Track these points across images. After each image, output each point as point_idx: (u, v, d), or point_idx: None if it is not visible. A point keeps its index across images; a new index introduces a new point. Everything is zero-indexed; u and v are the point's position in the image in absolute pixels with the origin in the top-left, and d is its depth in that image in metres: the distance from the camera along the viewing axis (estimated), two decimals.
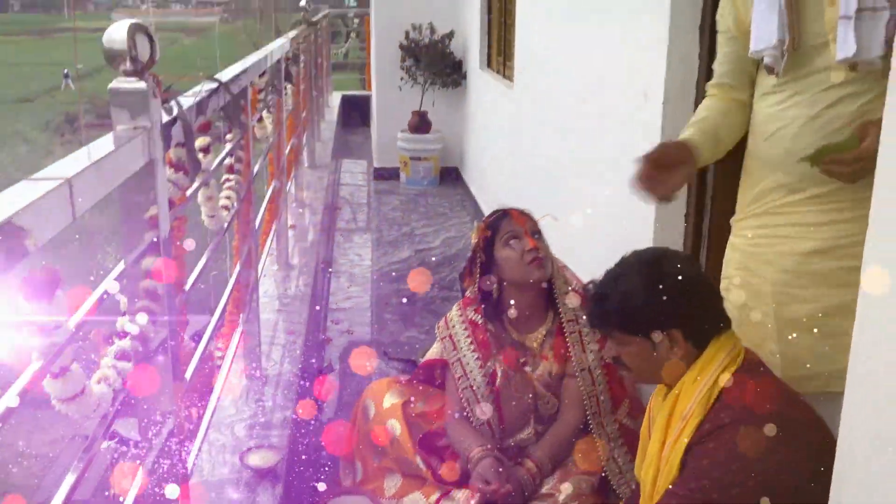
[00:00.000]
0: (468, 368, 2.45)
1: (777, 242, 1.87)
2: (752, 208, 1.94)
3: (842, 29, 1.67)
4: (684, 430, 1.70)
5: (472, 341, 2.47)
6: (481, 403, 2.42)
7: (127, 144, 1.24)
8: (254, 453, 2.17)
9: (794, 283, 1.86)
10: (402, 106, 7.46)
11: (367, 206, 7.15)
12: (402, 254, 5.65)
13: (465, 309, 2.53)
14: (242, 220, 2.71)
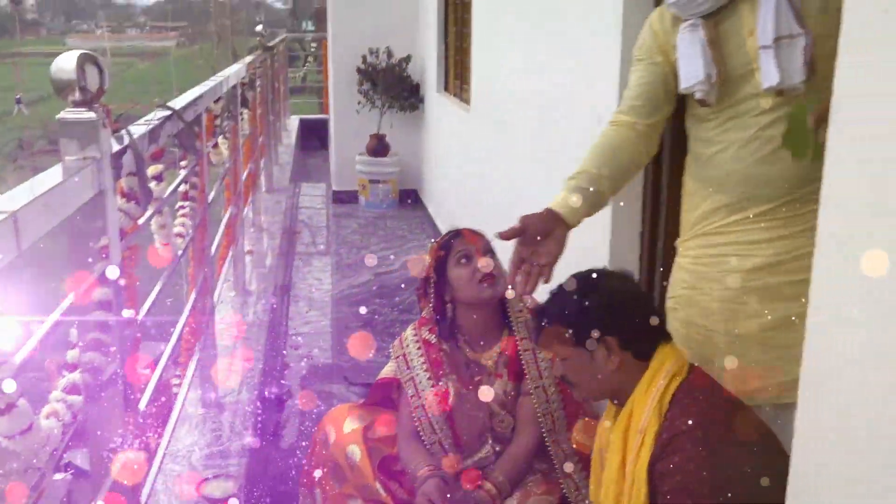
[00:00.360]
0: (420, 387, 2.46)
1: (722, 261, 1.91)
2: (695, 229, 1.98)
3: (763, 59, 1.74)
4: (643, 442, 1.71)
5: (424, 360, 2.48)
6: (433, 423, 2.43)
7: (76, 175, 1.23)
8: (211, 483, 2.15)
9: (740, 299, 1.90)
10: (360, 129, 7.47)
11: (326, 229, 7.13)
12: (362, 277, 5.64)
13: (420, 329, 2.54)
14: (197, 247, 2.69)
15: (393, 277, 5.62)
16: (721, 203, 1.90)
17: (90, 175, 1.29)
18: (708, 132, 1.92)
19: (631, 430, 1.75)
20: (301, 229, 7.05)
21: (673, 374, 1.75)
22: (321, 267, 5.96)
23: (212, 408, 2.61)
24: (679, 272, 2.06)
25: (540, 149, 3.54)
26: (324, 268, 5.93)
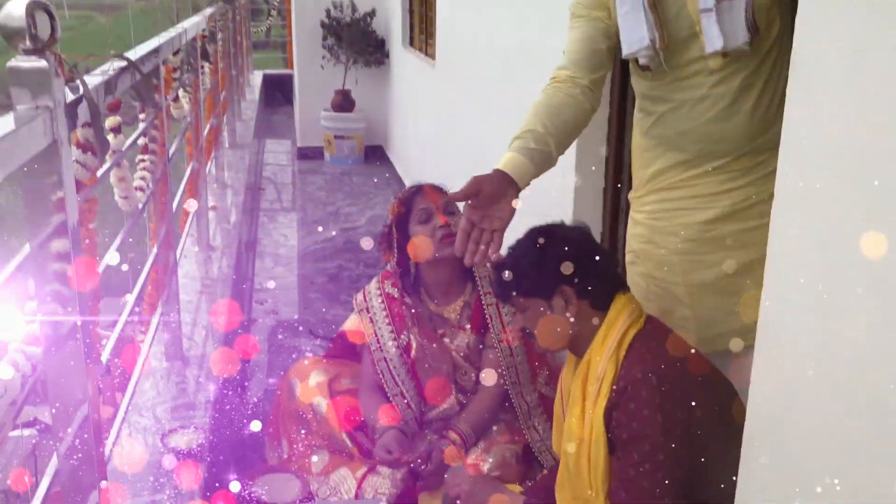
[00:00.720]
0: (383, 341, 2.49)
1: (678, 215, 1.93)
2: (650, 185, 1.99)
3: (705, 23, 1.73)
4: (600, 390, 1.75)
5: (386, 314, 2.50)
6: (396, 376, 2.45)
7: (27, 125, 1.21)
8: (176, 435, 2.15)
9: (698, 250, 1.93)
10: (324, 85, 7.40)
11: (291, 185, 7.09)
12: (328, 233, 5.62)
13: (383, 282, 2.57)
14: (159, 201, 2.66)
15: (359, 233, 5.62)
16: (676, 160, 1.92)
17: (43, 124, 1.27)
18: (656, 90, 1.91)
19: (589, 379, 1.79)
20: (265, 185, 7.00)
21: (630, 324, 1.79)
22: (287, 223, 5.93)
23: (176, 361, 2.61)
24: (635, 227, 2.08)
25: (505, 105, 3.53)
26: (289, 224, 5.91)
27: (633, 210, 2.10)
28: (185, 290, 3.15)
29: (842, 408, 1.24)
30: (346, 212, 6.13)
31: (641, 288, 2.07)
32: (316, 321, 4.09)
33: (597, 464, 1.74)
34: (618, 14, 1.84)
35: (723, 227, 1.90)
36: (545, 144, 1.85)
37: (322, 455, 2.50)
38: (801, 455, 1.35)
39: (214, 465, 2.26)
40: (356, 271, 4.87)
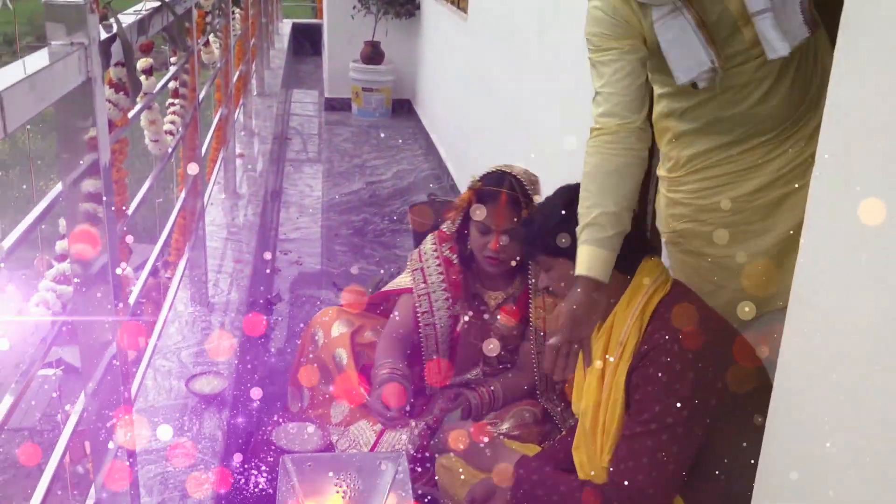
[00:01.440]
0: (436, 306, 2.44)
1: (723, 190, 1.88)
2: (689, 166, 1.92)
3: (761, 25, 1.62)
4: (623, 354, 1.72)
5: (444, 279, 2.46)
6: (440, 342, 2.44)
7: (62, 60, 1.19)
8: (200, 379, 2.17)
9: (748, 219, 1.88)
10: (354, 36, 7.33)
11: (317, 136, 7.06)
12: (353, 185, 5.61)
13: (441, 245, 2.50)
14: (188, 147, 2.65)
15: (384, 187, 5.60)
16: (718, 143, 1.85)
17: (77, 61, 1.25)
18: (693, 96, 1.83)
19: (611, 342, 1.76)
20: (292, 135, 6.97)
21: (655, 288, 1.75)
22: (312, 174, 5.92)
23: (201, 307, 2.62)
24: (674, 207, 2.01)
25: (539, 61, 3.47)
26: (315, 175, 5.89)
27: (669, 190, 2.02)
28: (211, 237, 3.16)
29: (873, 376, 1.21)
30: (373, 165, 6.10)
31: (689, 265, 2.01)
32: (339, 273, 4.09)
33: (611, 424, 1.73)
34: (661, 42, 1.70)
35: (769, 193, 1.86)
36: (621, 224, 1.69)
37: (342, 406, 2.51)
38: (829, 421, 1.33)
39: (236, 412, 2.27)
40: (381, 225, 4.86)
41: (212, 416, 2.08)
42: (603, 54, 1.74)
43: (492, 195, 2.33)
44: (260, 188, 4.01)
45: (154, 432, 1.98)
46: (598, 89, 1.77)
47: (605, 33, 1.74)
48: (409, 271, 2.53)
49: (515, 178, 2.34)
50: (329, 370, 2.54)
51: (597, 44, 1.75)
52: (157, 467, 1.86)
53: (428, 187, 5.47)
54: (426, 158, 6.26)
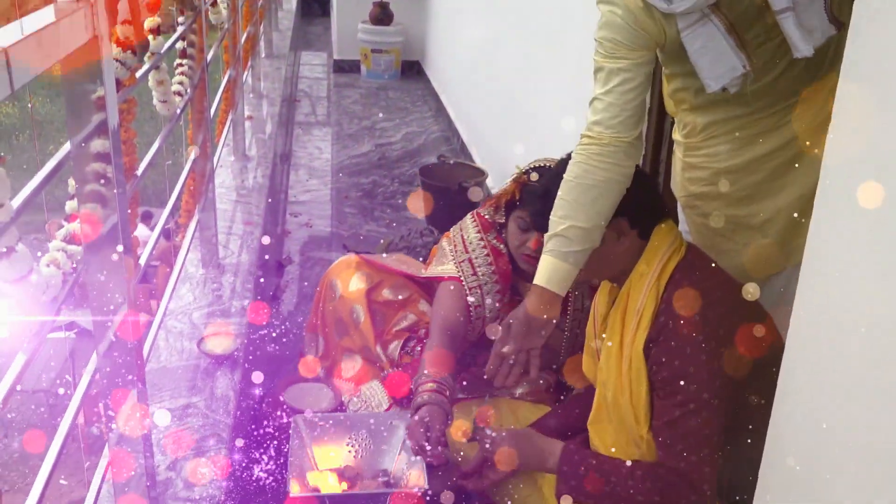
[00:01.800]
0: (487, 298, 2.36)
1: (743, 152, 1.85)
2: (708, 132, 1.89)
3: (786, 26, 1.57)
4: (640, 323, 1.69)
5: (494, 270, 2.37)
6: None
7: (69, 17, 1.18)
8: (211, 340, 2.17)
9: (770, 178, 1.86)
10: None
11: (326, 98, 7.02)
12: (363, 147, 5.59)
13: (486, 234, 2.41)
14: (196, 108, 2.64)
15: (394, 149, 5.58)
16: (737, 113, 1.82)
17: (83, 18, 1.24)
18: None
19: (629, 311, 1.73)
20: (301, 98, 6.94)
21: (670, 254, 1.72)
22: (321, 136, 5.90)
23: (212, 269, 2.62)
24: (692, 171, 1.98)
25: (550, 22, 3.43)
26: (324, 137, 5.87)
27: (686, 155, 1.99)
28: (220, 199, 3.15)
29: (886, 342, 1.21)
30: (382, 127, 6.07)
31: (708, 228, 2.00)
32: (349, 235, 4.09)
33: (638, 397, 1.69)
34: (690, 53, 1.66)
35: (786, 153, 1.84)
36: (590, 241, 1.70)
37: (355, 360, 2.51)
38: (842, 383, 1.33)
39: (248, 373, 2.29)
40: (391, 187, 4.85)
41: (224, 376, 2.09)
42: (613, 62, 1.68)
43: (535, 197, 2.19)
44: (269, 151, 4.00)
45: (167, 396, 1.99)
46: (598, 95, 1.72)
47: (619, 41, 1.67)
48: (454, 262, 2.42)
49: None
50: (345, 323, 2.53)
51: (608, 50, 1.68)
52: (171, 427, 1.88)
53: (438, 149, 5.44)
54: (436, 120, 6.23)
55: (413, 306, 2.52)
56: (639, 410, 1.69)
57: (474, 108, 5.18)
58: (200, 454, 1.80)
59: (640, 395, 1.68)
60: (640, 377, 1.68)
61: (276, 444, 2.25)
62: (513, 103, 4.05)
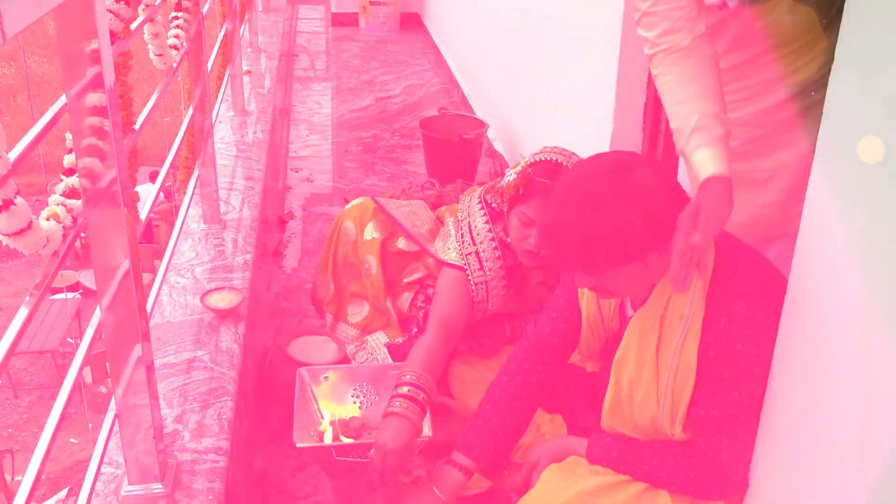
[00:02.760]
0: (492, 294, 2.32)
1: (746, 104, 1.82)
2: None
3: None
4: (690, 328, 1.59)
5: (501, 265, 2.30)
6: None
7: None
8: (215, 294, 2.18)
9: (772, 134, 1.84)
10: None
11: (325, 53, 6.95)
12: (363, 102, 5.55)
13: (495, 226, 2.34)
14: (193, 63, 2.61)
15: (394, 102, 5.53)
16: (745, 56, 1.78)
17: None
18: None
19: (670, 316, 1.62)
20: (299, 52, 6.87)
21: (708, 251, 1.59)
22: (321, 91, 5.85)
23: (213, 224, 2.62)
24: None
25: None
26: (323, 92, 5.82)
27: None
28: (220, 155, 3.14)
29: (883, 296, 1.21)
30: (382, 80, 6.02)
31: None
32: (350, 190, 4.08)
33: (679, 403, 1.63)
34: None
35: (794, 105, 1.81)
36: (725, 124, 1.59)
37: (363, 307, 2.51)
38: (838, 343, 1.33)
39: (252, 327, 2.30)
40: (391, 141, 4.82)
41: (228, 330, 2.10)
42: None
43: (542, 188, 2.15)
44: (268, 106, 3.97)
45: (171, 351, 2.00)
46: (646, 10, 1.66)
47: None
48: (461, 254, 2.34)
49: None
50: (356, 269, 2.53)
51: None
52: (177, 380, 1.89)
53: (438, 101, 5.40)
54: (436, 73, 6.17)
55: (424, 259, 2.51)
56: (676, 415, 1.64)
57: (475, 60, 5.12)
58: (207, 407, 1.82)
59: (682, 401, 1.63)
60: (687, 384, 1.61)
61: (282, 397, 2.27)
62: (515, 53, 4.01)
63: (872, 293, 1.24)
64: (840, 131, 1.31)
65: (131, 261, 1.41)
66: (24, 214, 1.08)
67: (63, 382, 1.37)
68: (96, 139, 1.39)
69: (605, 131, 2.66)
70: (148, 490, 1.56)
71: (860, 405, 1.29)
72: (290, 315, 2.88)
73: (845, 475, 1.35)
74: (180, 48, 2.36)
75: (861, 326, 1.28)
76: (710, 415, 1.60)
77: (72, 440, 7.75)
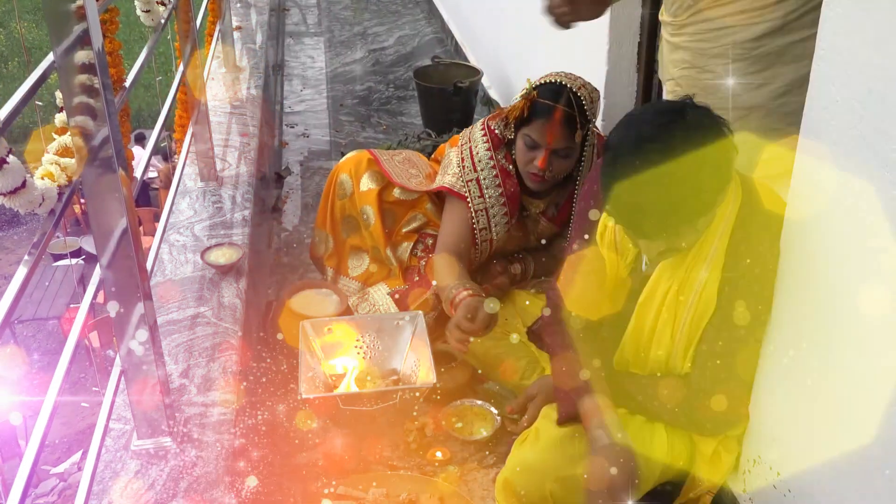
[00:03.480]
0: (494, 221, 2.34)
1: (725, 34, 1.80)
2: (694, 8, 1.83)
3: None
4: (712, 267, 1.59)
5: (502, 192, 2.32)
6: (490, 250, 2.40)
7: None
8: (215, 251, 2.18)
9: (748, 69, 1.83)
10: None
11: (316, 6, 6.87)
12: (356, 54, 5.49)
13: (496, 152, 2.34)
14: (182, 19, 2.58)
15: (387, 54, 5.48)
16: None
17: None
18: None
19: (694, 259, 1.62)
20: (289, 6, 6.79)
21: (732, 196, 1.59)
22: (313, 45, 5.80)
23: (210, 182, 2.61)
24: (675, 52, 1.94)
25: None
26: (316, 45, 5.77)
27: (670, 34, 1.95)
28: (214, 113, 3.12)
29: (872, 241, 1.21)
30: (374, 32, 5.95)
31: None
32: (347, 143, 4.06)
33: (694, 336, 1.65)
34: None
35: (773, 41, 1.79)
36: None
37: (363, 259, 2.52)
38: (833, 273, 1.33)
39: (254, 281, 2.31)
40: (386, 93, 4.79)
41: (229, 285, 2.11)
42: None
43: (546, 110, 2.15)
44: (261, 61, 3.93)
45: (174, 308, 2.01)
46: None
47: None
48: (462, 180, 2.35)
49: (574, 93, 2.15)
50: (355, 221, 2.53)
51: None
52: (181, 336, 1.91)
53: (432, 51, 5.35)
54: (428, 22, 6.10)
55: (422, 206, 2.51)
56: (688, 351, 1.66)
57: (467, 7, 5.06)
58: (212, 361, 1.83)
59: (695, 338, 1.65)
60: (702, 323, 1.63)
61: (286, 350, 2.29)
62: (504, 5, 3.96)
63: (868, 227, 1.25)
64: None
65: (129, 219, 1.41)
66: (18, 173, 1.08)
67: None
68: (87, 97, 1.39)
69: (599, 73, 2.64)
70: (157, 444, 1.58)
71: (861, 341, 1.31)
72: (292, 270, 2.89)
73: (848, 405, 1.37)
74: (168, 4, 2.33)
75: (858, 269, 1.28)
76: (713, 348, 1.62)
77: (83, 404, 7.83)
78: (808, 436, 1.50)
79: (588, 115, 2.16)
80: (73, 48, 1.34)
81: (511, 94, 3.84)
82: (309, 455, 2.05)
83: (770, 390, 1.61)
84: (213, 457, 1.58)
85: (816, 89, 1.36)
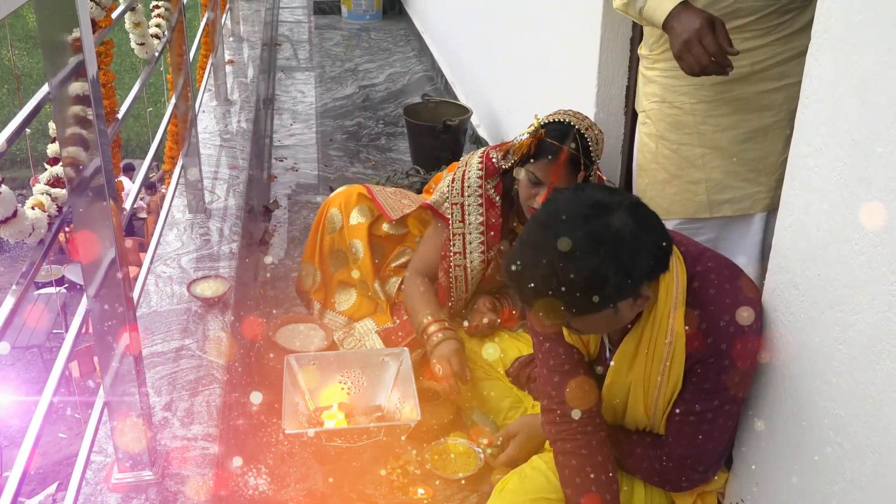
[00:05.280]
0: (469, 249, 2.35)
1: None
2: (665, 44, 1.85)
3: None
4: (675, 352, 1.56)
5: (482, 221, 2.33)
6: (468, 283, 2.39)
7: None
8: (201, 283, 2.18)
9: (714, 112, 1.87)
10: None
11: (307, 42, 6.93)
12: (346, 90, 5.53)
13: (487, 180, 2.35)
14: (175, 52, 2.60)
15: (378, 90, 5.52)
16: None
17: None
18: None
19: (652, 342, 1.58)
20: (281, 41, 6.84)
21: (679, 273, 1.55)
22: (304, 80, 5.84)
23: (199, 214, 2.62)
24: (647, 85, 2.00)
25: None
26: (307, 80, 5.81)
27: (645, 67, 2.00)
28: (204, 145, 3.13)
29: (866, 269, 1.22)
30: (365, 68, 6.00)
31: (651, 149, 2.01)
32: (335, 178, 4.08)
33: (667, 408, 1.64)
34: None
35: (741, 89, 1.84)
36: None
37: (350, 294, 2.52)
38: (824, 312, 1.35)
39: (240, 315, 2.30)
40: (375, 129, 4.82)
41: (215, 318, 2.10)
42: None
43: (552, 150, 2.15)
44: (252, 95, 3.95)
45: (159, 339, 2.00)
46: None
47: None
48: (448, 202, 2.36)
49: (581, 134, 2.15)
50: (343, 256, 2.54)
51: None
52: (165, 369, 1.89)
53: (422, 89, 5.40)
54: (419, 60, 6.16)
55: (410, 241, 2.53)
56: (662, 419, 1.67)
57: (457, 46, 5.12)
58: (195, 395, 1.82)
59: (668, 408, 1.64)
60: (674, 396, 1.62)
61: (270, 384, 2.28)
62: (497, 39, 4.01)
63: None
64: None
65: (117, 249, 1.41)
66: (9, 202, 1.08)
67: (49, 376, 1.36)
68: (80, 128, 1.39)
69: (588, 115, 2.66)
70: (138, 478, 1.56)
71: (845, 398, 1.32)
72: (278, 304, 2.88)
73: (826, 459, 1.37)
74: (161, 37, 2.35)
75: None
76: (687, 419, 1.61)
77: (60, 434, 7.72)
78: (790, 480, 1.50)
79: (593, 157, 2.18)
80: (68, 79, 1.35)
81: (500, 132, 3.87)
82: (291, 491, 2.03)
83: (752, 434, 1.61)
84: (194, 491, 1.56)
85: (801, 137, 1.38)
